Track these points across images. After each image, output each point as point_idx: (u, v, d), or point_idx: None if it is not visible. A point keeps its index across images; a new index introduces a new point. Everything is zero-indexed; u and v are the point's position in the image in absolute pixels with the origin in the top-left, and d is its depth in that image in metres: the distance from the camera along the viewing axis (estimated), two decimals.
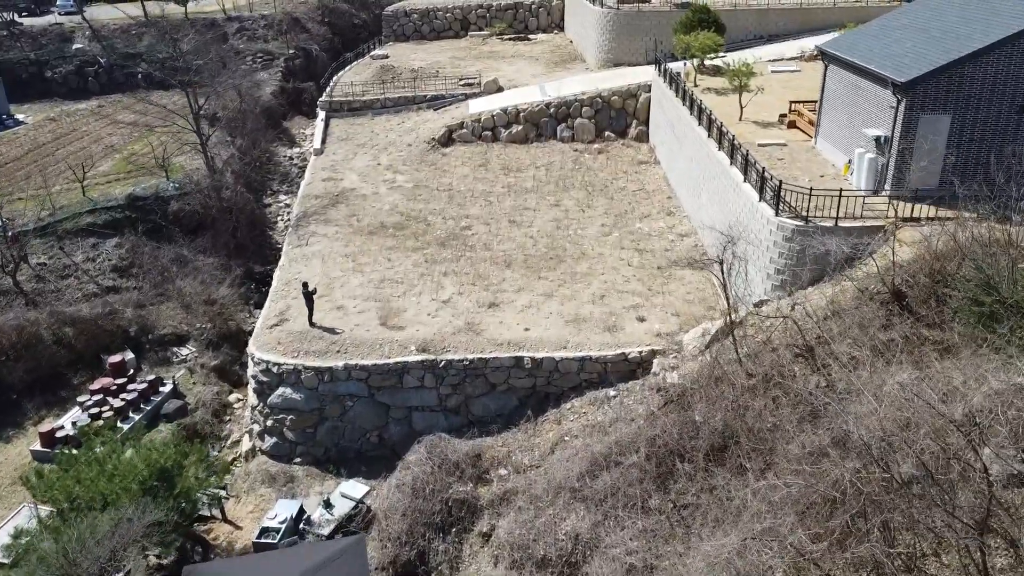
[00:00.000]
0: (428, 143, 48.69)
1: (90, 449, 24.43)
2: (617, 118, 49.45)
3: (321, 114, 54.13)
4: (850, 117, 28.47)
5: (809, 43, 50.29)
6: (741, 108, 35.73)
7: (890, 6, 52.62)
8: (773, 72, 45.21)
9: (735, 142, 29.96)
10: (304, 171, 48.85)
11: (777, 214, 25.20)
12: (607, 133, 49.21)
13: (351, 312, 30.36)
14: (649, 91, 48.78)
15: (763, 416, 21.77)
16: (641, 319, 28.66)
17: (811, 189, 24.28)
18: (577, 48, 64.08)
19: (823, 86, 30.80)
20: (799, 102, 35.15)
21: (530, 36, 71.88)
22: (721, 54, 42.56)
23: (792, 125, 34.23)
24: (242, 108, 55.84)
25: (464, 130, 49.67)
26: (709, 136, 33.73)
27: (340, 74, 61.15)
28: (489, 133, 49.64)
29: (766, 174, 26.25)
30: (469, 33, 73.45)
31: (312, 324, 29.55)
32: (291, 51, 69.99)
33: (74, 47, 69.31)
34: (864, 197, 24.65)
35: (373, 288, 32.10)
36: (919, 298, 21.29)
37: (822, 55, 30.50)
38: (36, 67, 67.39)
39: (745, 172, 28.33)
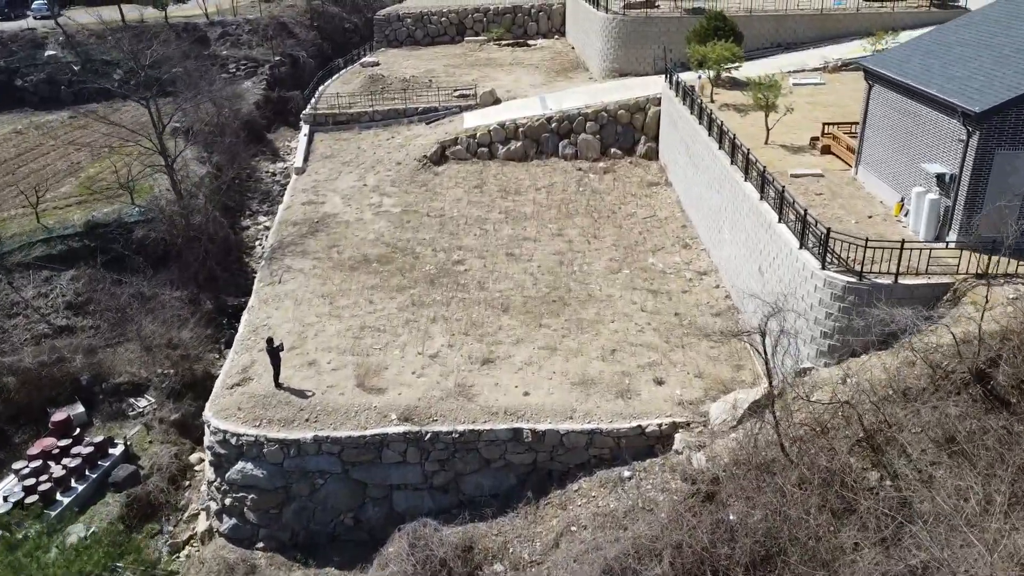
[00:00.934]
0: (419, 161, 44.59)
1: (7, 547, 20.38)
2: (624, 134, 45.37)
3: (304, 128, 50.00)
4: (902, 148, 24.39)
5: (832, 52, 46.26)
6: (767, 130, 31.67)
7: (917, 12, 48.62)
8: (795, 85, 41.12)
9: (766, 173, 25.88)
10: (287, 189, 44.77)
11: (824, 267, 21.13)
12: (613, 150, 45.13)
13: (324, 369, 26.27)
14: (658, 104, 44.71)
15: (817, 525, 17.75)
16: (659, 381, 24.57)
17: (867, 240, 20.20)
18: (579, 55, 59.99)
19: (866, 108, 26.71)
20: (834, 124, 31.04)
21: (529, 42, 67.77)
22: (739, 65, 38.43)
23: (826, 151, 30.14)
24: (220, 121, 51.71)
25: (458, 146, 45.58)
26: (732, 163, 29.67)
27: (326, 84, 57.00)
28: (485, 150, 45.55)
29: (808, 216, 22.17)
30: (465, 38, 69.34)
31: (279, 385, 25.47)
32: (277, 58, 65.87)
33: (46, 54, 65.15)
34: (930, 249, 20.54)
35: (351, 338, 28.01)
36: (1011, 384, 17.26)
37: (866, 73, 26.42)
38: (6, 75, 63.23)
39: (780, 210, 24.25)
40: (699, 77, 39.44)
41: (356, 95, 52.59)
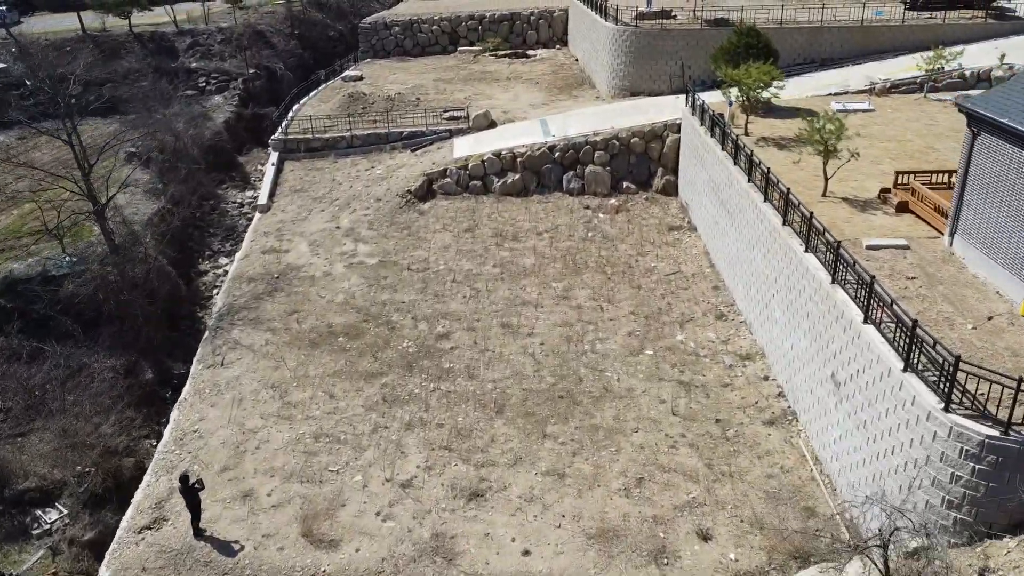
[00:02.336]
0: (402, 197, 38.16)
1: None
2: (638, 165, 38.98)
3: (272, 156, 43.55)
4: None
5: (877, 71, 39.86)
6: (826, 180, 25.27)
7: (971, 24, 42.24)
8: (840, 112, 34.74)
9: (842, 250, 19.49)
10: (248, 231, 38.37)
11: (948, 408, 14.80)
12: (626, 184, 38.74)
13: (262, 505, 19.91)
14: (678, 131, 38.34)
15: None
16: (704, 536, 18.22)
17: (1020, 379, 13.84)
18: (584, 69, 53.56)
19: (967, 162, 20.34)
20: (909, 172, 24.62)
21: (529, 52, 61.29)
22: (780, 89, 31.99)
23: (903, 208, 23.74)
24: (179, 145, 45.26)
25: (447, 179, 39.17)
26: (785, 223, 23.30)
27: (301, 103, 50.50)
28: (478, 183, 39.14)
29: (919, 329, 15.77)
30: (458, 49, 62.85)
31: (198, 533, 19.16)
32: (251, 71, 59.35)
33: None
34: None
35: (302, 453, 21.66)
36: None
37: (970, 118, 20.03)
38: None
39: (867, 308, 17.89)
40: (729, 104, 33.09)
41: (333, 116, 46.14)
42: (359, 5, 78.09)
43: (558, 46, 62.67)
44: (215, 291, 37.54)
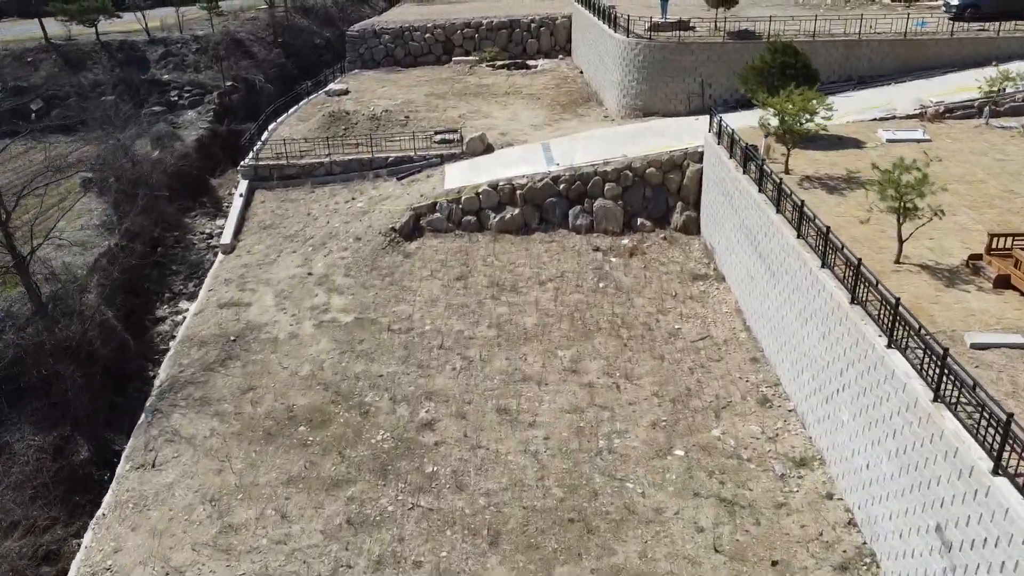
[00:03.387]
0: (385, 235, 33.11)
1: None
2: (654, 199, 33.95)
3: (242, 185, 38.46)
4: None
5: (925, 90, 34.83)
6: (900, 243, 20.20)
7: None
8: (890, 142, 29.79)
9: (946, 358, 14.45)
10: (207, 277, 33.30)
11: None
12: (640, 221, 33.70)
13: None
14: (699, 160, 33.31)
15: None
16: None
17: None
18: (590, 83, 48.50)
19: None
20: (1009, 235, 19.54)
21: (529, 63, 56.20)
22: (828, 119, 26.83)
23: (1004, 283, 18.66)
24: (138, 171, 40.22)
25: (437, 214, 34.13)
26: (855, 300, 18.28)
27: (278, 121, 45.42)
28: (472, 219, 34.10)
29: None
30: (453, 59, 57.75)
31: None
32: (228, 83, 54.27)
33: None
34: None
35: None
36: None
37: None
38: None
39: (999, 455, 12.88)
40: (765, 135, 28.05)
41: (312, 139, 41.02)
42: (349, 10, 73.08)
43: (561, 56, 57.61)
44: (172, 342, 32.49)
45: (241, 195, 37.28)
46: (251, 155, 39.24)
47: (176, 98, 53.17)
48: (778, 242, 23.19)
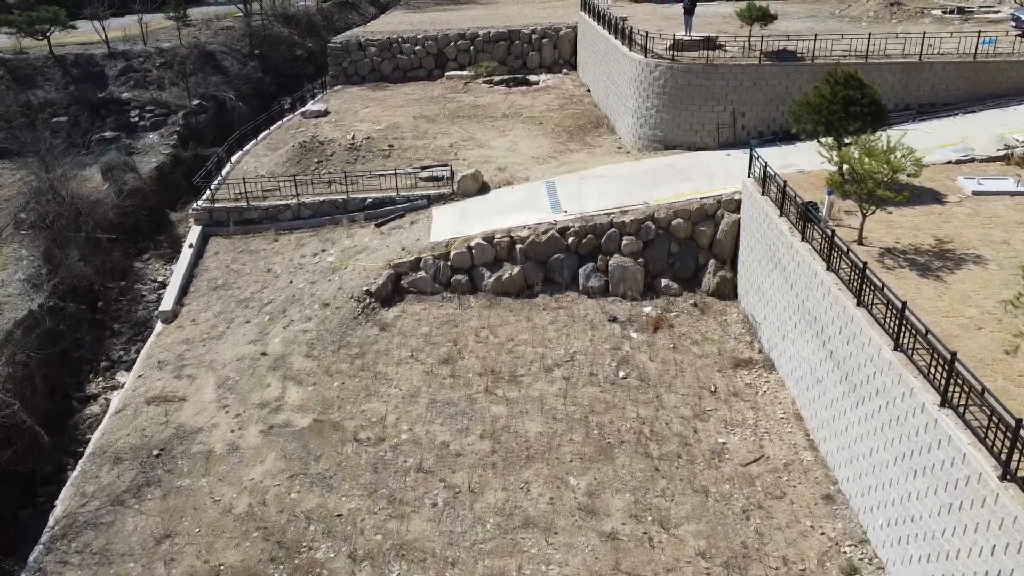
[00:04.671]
0: (358, 301, 27.19)
1: None
2: (682, 256, 28.06)
3: (194, 232, 32.50)
4: None
5: (1004, 124, 28.89)
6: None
7: None
8: (976, 194, 23.90)
9: None
10: (137, 361, 27.30)
11: None
12: (665, 282, 27.82)
13: None
14: (736, 210, 27.47)
15: None
16: None
17: None
18: (599, 105, 42.56)
19: None
20: None
21: (530, 78, 50.22)
22: (912, 174, 20.82)
23: None
24: (75, 210, 34.29)
25: (421, 273, 28.23)
26: (1008, 476, 12.39)
27: (245, 150, 39.41)
28: (463, 278, 28.22)
29: None
30: (446, 73, 51.76)
31: None
32: (195, 102, 48.26)
33: None
34: None
35: None
36: None
37: None
38: None
39: None
40: (829, 193, 22.04)
41: (279, 175, 35.14)
42: (335, 18, 67.03)
43: (565, 70, 51.66)
44: (101, 420, 26.43)
45: (191, 245, 31.30)
46: (206, 195, 33.22)
47: (136, 119, 47.14)
48: (863, 350, 17.26)
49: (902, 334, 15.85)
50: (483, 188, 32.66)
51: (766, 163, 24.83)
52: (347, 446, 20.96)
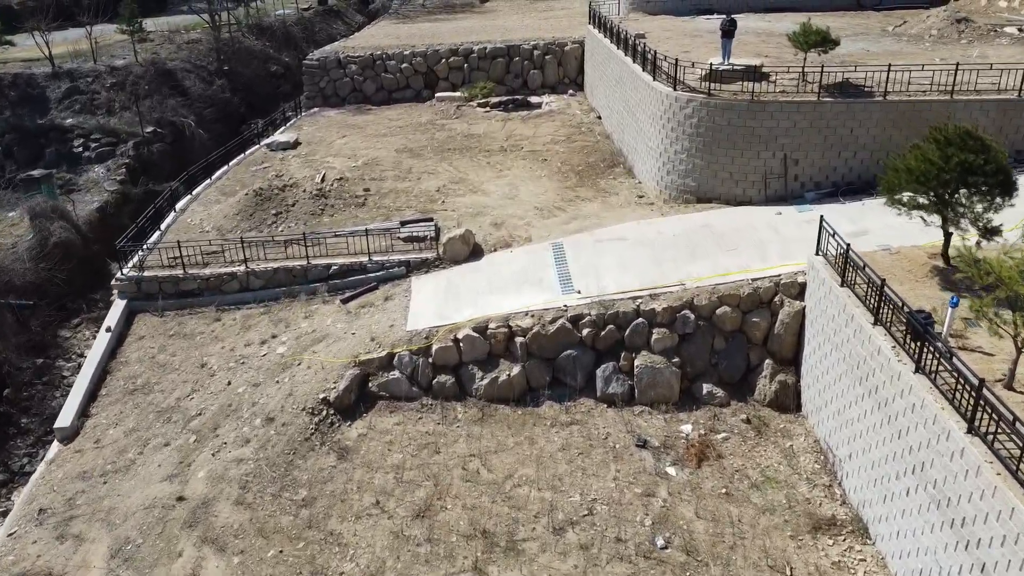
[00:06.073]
0: (312, 414, 20.76)
1: None
2: (728, 353, 21.63)
3: (116, 310, 25.94)
4: None
5: None
6: None
7: None
8: None
9: None
10: (13, 509, 20.84)
11: None
12: (707, 389, 21.39)
13: None
14: (799, 295, 21.10)
15: None
16: None
17: None
18: (612, 137, 36.11)
19: None
20: None
21: (531, 99, 43.75)
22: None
23: None
24: None
25: (395, 373, 21.80)
26: None
27: (194, 194, 32.82)
28: (449, 379, 21.78)
29: None
30: (437, 94, 45.28)
31: None
32: (148, 130, 41.76)
33: None
34: None
35: None
36: None
37: None
38: None
39: None
40: (953, 303, 15.65)
41: (229, 228, 28.74)
42: (317, 28, 60.45)
43: (571, 91, 45.21)
44: None
45: (109, 329, 24.78)
46: (131, 264, 26.70)
47: (80, 149, 40.69)
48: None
49: None
50: (475, 251, 26.22)
51: (848, 246, 18.36)
52: None
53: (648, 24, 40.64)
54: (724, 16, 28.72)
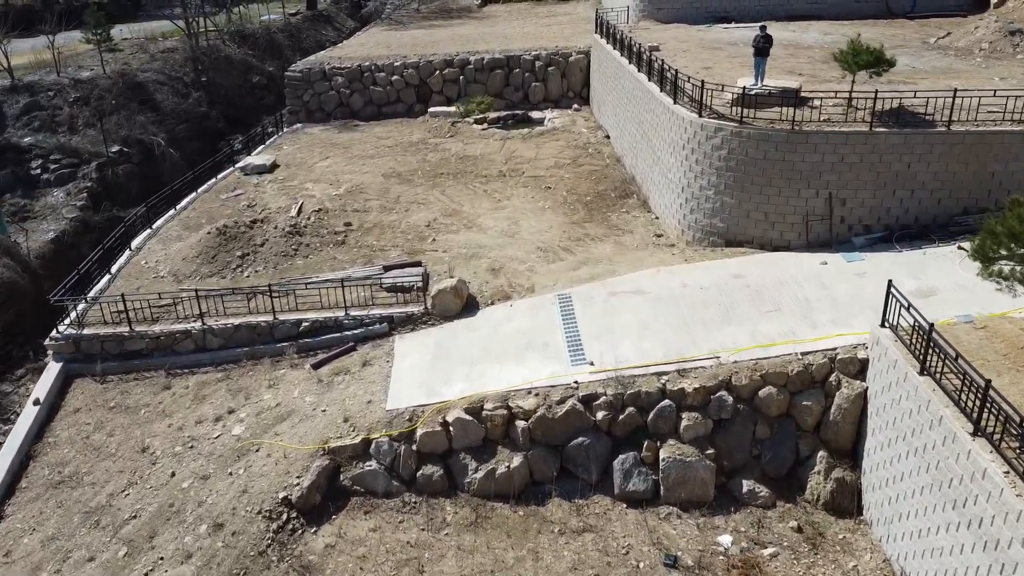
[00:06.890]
0: (269, 519, 16.96)
1: None
2: (773, 443, 17.81)
3: (48, 376, 22.05)
4: None
5: None
6: None
7: None
8: None
9: None
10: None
11: None
12: (748, 486, 17.58)
13: None
14: (858, 373, 17.29)
15: None
16: None
17: None
18: (623, 160, 32.29)
19: None
20: None
21: (533, 115, 39.92)
22: None
23: None
24: None
25: (371, 463, 18.00)
26: None
27: (153, 231, 28.92)
28: (436, 470, 17.96)
29: None
30: (430, 109, 41.43)
31: None
32: (113, 150, 37.91)
33: None
34: None
35: None
36: None
37: None
38: None
39: None
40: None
41: (188, 272, 24.91)
42: (303, 35, 56.50)
43: (576, 105, 41.34)
44: None
45: (38, 402, 20.91)
46: (70, 319, 22.82)
47: (38, 171, 36.84)
48: None
49: None
50: (469, 305, 22.39)
51: (931, 326, 14.54)
52: None
53: (660, 34, 36.77)
54: (757, 31, 24.75)
